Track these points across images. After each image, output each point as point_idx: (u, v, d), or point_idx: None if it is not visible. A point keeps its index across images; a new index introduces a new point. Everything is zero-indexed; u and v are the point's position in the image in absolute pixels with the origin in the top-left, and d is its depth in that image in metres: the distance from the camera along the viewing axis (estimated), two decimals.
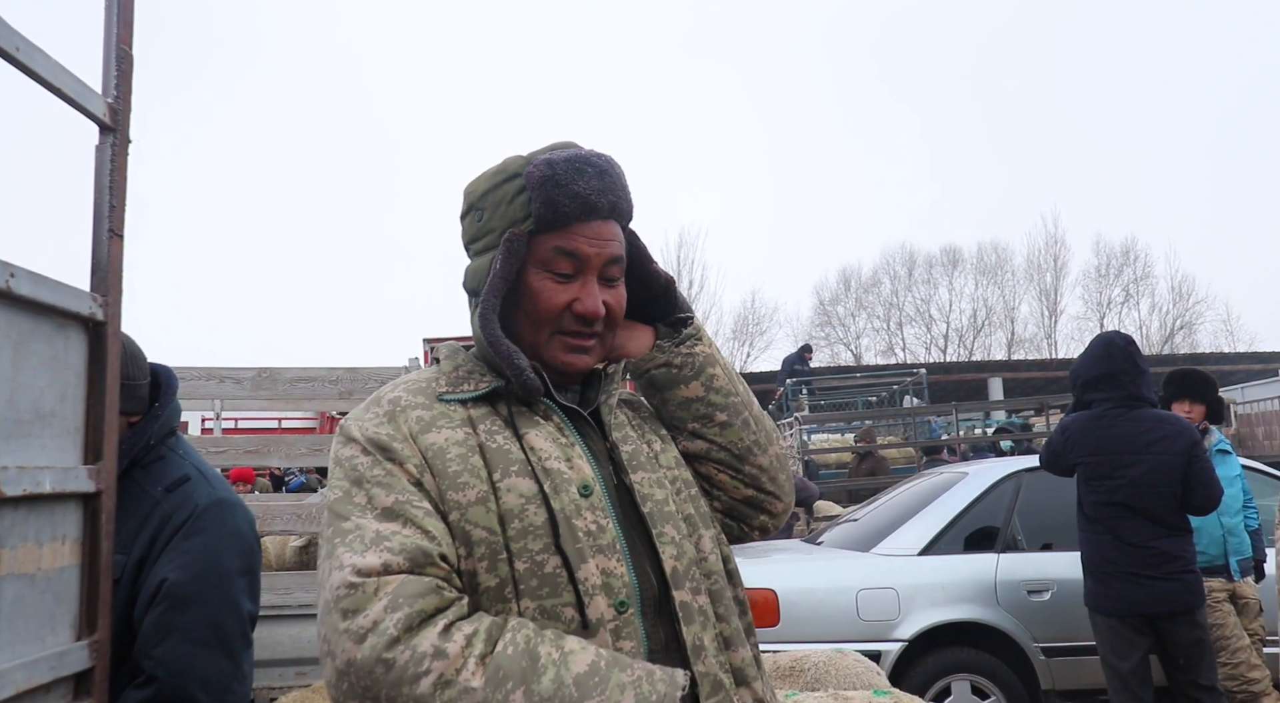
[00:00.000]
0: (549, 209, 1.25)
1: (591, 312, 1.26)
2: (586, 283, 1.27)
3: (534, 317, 1.28)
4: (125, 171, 1.53)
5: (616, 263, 1.31)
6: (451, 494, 1.16)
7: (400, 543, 1.09)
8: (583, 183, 1.26)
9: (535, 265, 1.27)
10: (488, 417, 1.25)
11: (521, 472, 1.19)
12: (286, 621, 4.04)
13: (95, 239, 1.49)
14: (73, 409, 1.43)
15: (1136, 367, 3.92)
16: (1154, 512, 3.77)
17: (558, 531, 1.16)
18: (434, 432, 1.21)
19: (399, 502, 1.14)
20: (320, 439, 4.34)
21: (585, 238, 1.27)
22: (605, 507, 1.21)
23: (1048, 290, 40.81)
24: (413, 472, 1.17)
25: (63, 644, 1.39)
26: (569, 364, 1.29)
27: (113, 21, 1.53)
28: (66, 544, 1.40)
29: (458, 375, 1.30)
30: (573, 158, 1.28)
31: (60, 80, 1.36)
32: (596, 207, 1.27)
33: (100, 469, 1.45)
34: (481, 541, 1.14)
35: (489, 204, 1.31)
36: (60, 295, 1.36)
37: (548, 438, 1.24)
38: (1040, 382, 24.68)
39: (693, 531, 1.30)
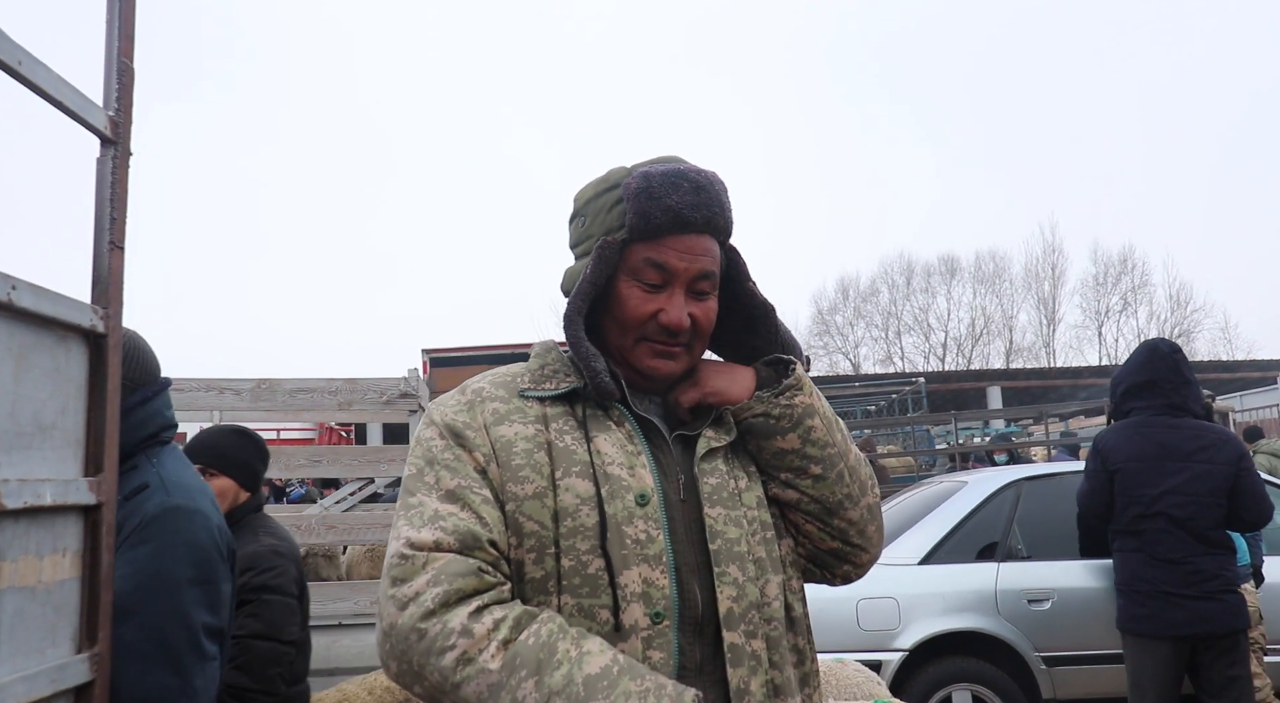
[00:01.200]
0: (642, 220, 1.29)
1: (675, 323, 1.29)
2: (673, 295, 1.31)
3: (621, 323, 1.32)
4: (126, 184, 1.54)
5: (706, 278, 1.33)
6: (511, 486, 1.23)
7: (454, 524, 1.17)
8: (677, 197, 1.30)
9: (626, 274, 1.32)
10: (562, 416, 1.30)
11: (583, 473, 1.24)
12: None
13: (96, 251, 1.49)
14: (73, 421, 1.43)
15: (1181, 375, 3.72)
16: (1197, 525, 3.56)
17: (606, 534, 1.20)
18: (506, 425, 1.28)
19: (461, 486, 1.21)
20: (319, 450, 4.34)
21: (675, 251, 1.30)
22: (660, 518, 1.23)
23: (1046, 299, 40.93)
24: (480, 460, 1.24)
25: (63, 657, 1.38)
26: (654, 369, 1.32)
27: (114, 35, 1.53)
28: (67, 557, 1.39)
29: (542, 373, 1.36)
30: (670, 172, 1.32)
31: (62, 93, 1.37)
32: (689, 221, 1.30)
33: (101, 482, 1.45)
34: (532, 533, 1.21)
35: (590, 211, 1.36)
36: (61, 308, 1.37)
37: (615, 444, 1.28)
38: (1039, 390, 24.71)
39: (760, 574, 1.29)
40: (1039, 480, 4.92)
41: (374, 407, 4.24)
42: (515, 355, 12.58)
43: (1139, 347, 3.91)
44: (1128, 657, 3.76)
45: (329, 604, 4.05)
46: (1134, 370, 3.82)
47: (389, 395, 4.20)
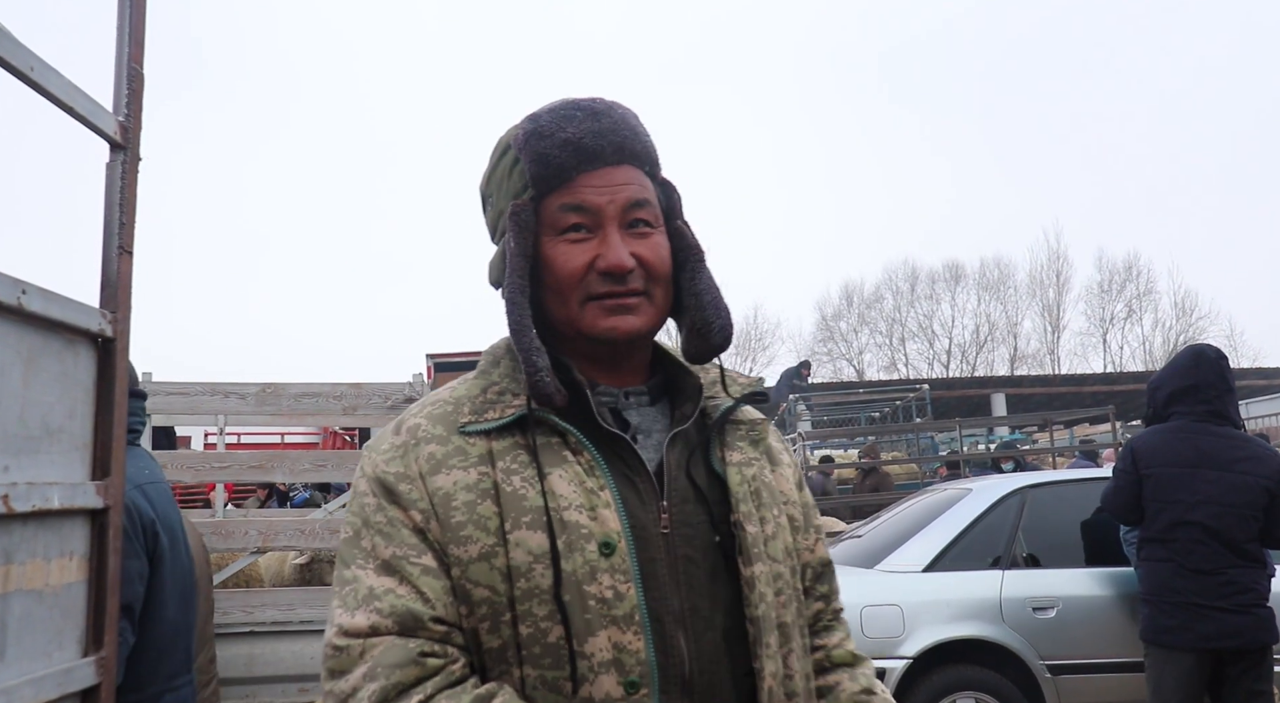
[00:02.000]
0: (541, 165, 1.10)
1: (616, 264, 1.08)
2: (606, 236, 1.09)
3: (558, 288, 1.10)
4: (135, 189, 1.55)
5: (640, 206, 1.12)
6: (453, 549, 1.04)
7: (390, 605, 1.02)
8: (572, 127, 1.10)
9: (547, 233, 1.11)
10: (510, 450, 1.08)
11: (534, 523, 1.04)
12: (289, 637, 4.04)
13: (105, 256, 1.50)
14: (81, 425, 1.43)
15: (1225, 382, 3.63)
16: (1233, 537, 3.45)
17: (561, 598, 1.01)
18: (443, 473, 1.07)
19: (396, 556, 1.04)
20: (324, 455, 4.35)
21: (592, 187, 1.10)
22: (630, 567, 1.04)
23: (1050, 306, 40.81)
24: (416, 519, 1.06)
25: (70, 661, 1.39)
26: (612, 329, 1.10)
27: (124, 41, 1.54)
28: (74, 560, 1.40)
29: (485, 399, 1.13)
30: (559, 106, 1.13)
31: (73, 99, 1.37)
32: (595, 150, 1.10)
33: (108, 485, 1.45)
34: (483, 600, 1.03)
35: (494, 188, 1.17)
36: (70, 312, 1.37)
37: (572, 480, 1.06)
38: (1043, 398, 24.66)
39: (784, 642, 1.11)
40: (1044, 488, 4.91)
41: (378, 411, 4.25)
42: None
43: (1183, 352, 3.80)
44: (1150, 668, 3.68)
45: None
46: (1178, 375, 3.71)
47: (394, 400, 4.20)
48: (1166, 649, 3.56)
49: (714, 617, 1.08)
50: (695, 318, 1.17)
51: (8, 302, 1.23)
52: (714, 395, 1.20)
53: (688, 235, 1.18)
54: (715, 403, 1.19)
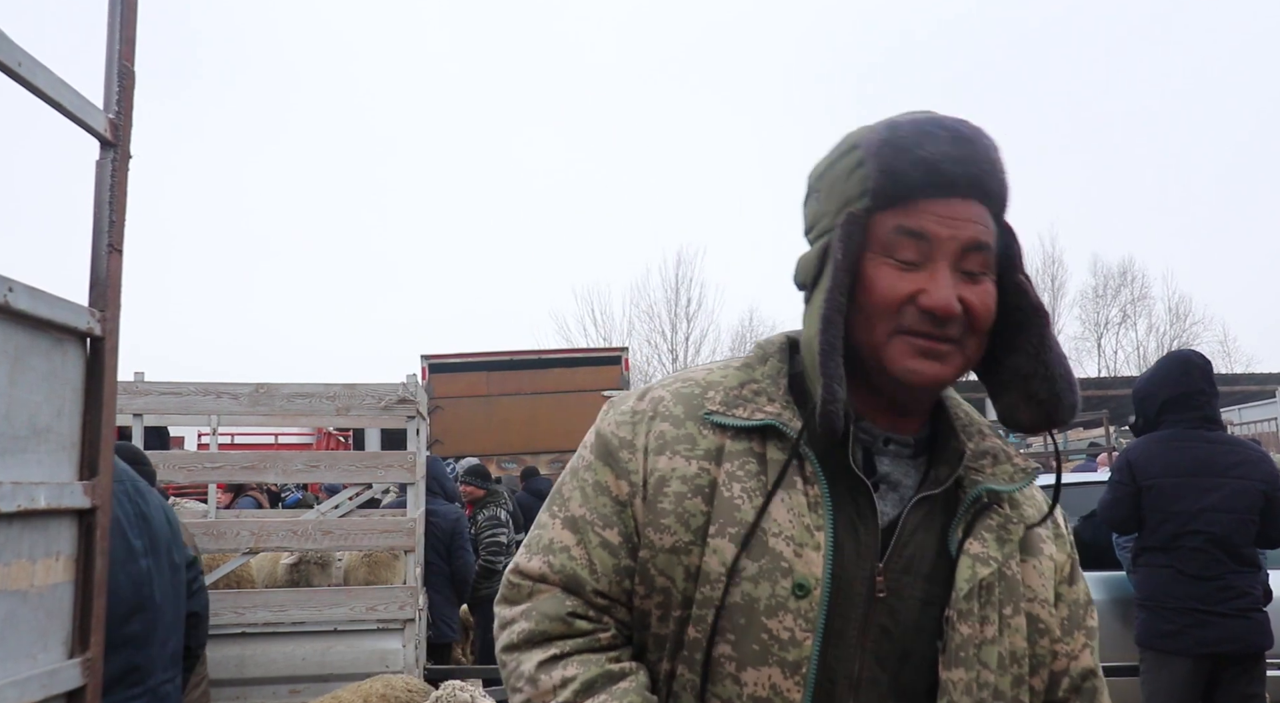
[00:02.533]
0: (888, 179, 1.01)
1: (942, 305, 0.98)
2: (936, 271, 1.00)
3: (869, 312, 1.02)
4: (125, 186, 1.53)
5: (978, 250, 1.02)
6: (650, 533, 1.04)
7: (563, 563, 1.07)
8: (932, 147, 1.01)
9: (874, 250, 1.02)
10: (743, 455, 1.05)
11: (737, 537, 1.00)
12: (280, 638, 4.03)
13: (94, 254, 1.49)
14: (69, 425, 1.42)
15: (1214, 387, 3.67)
16: (1233, 542, 3.47)
17: (739, 619, 0.99)
18: (666, 455, 1.06)
19: (584, 518, 1.07)
20: (316, 455, 4.34)
21: (935, 215, 1.01)
22: (817, 617, 0.98)
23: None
24: (624, 489, 1.07)
25: (55, 662, 1.37)
26: (915, 372, 1.01)
27: (115, 38, 1.53)
28: (60, 561, 1.38)
29: (740, 394, 1.08)
30: (923, 120, 1.03)
31: (61, 95, 1.36)
32: (950, 177, 1.00)
33: (96, 485, 1.44)
34: (662, 589, 1.04)
35: (825, 184, 1.08)
36: (58, 310, 1.36)
37: (793, 509, 1.01)
38: None
39: None
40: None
41: (372, 412, 4.24)
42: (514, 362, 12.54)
43: (1168, 359, 3.79)
44: (1145, 672, 3.67)
45: (325, 610, 4.04)
46: (1168, 383, 3.69)
47: (387, 401, 4.19)
48: (1163, 654, 3.56)
49: (890, 697, 1.03)
50: (1040, 388, 1.07)
51: None
52: (980, 469, 1.08)
53: (1030, 293, 1.08)
54: (977, 478, 1.08)
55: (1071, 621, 1.13)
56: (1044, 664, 1.09)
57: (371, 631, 4.07)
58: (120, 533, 1.92)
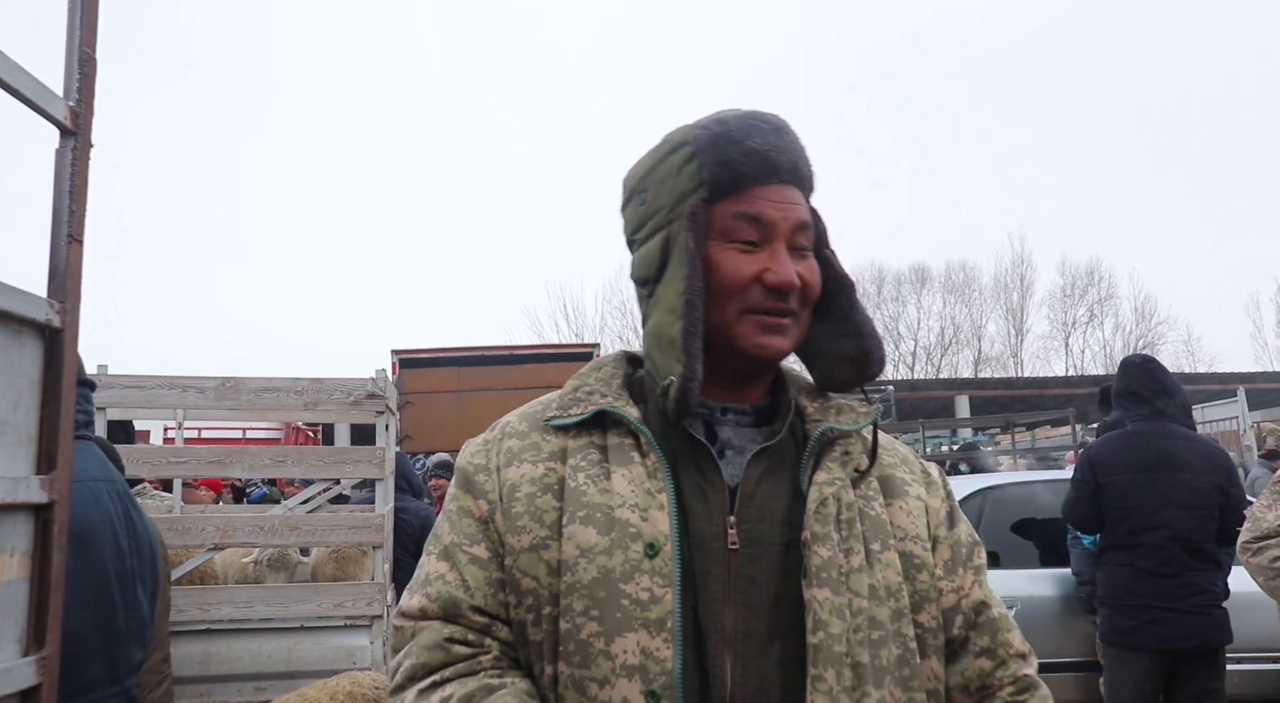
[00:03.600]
0: (724, 170, 1.10)
1: (785, 281, 1.08)
2: (775, 251, 1.09)
3: (720, 293, 1.09)
4: (86, 176, 1.50)
5: (805, 229, 1.13)
6: (509, 538, 1.08)
7: (439, 590, 1.09)
8: (759, 139, 1.11)
9: (715, 238, 1.10)
10: (584, 448, 1.11)
11: (587, 518, 1.05)
12: (246, 635, 3.98)
13: (54, 245, 1.46)
14: (26, 418, 1.39)
15: (1159, 383, 3.70)
16: (1192, 539, 3.51)
17: (600, 593, 1.01)
18: (515, 466, 1.12)
19: (453, 543, 1.11)
20: (284, 450, 4.29)
21: (768, 200, 1.10)
22: (671, 572, 1.01)
23: (1014, 309, 41.36)
24: (483, 508, 1.12)
25: (9, 660, 1.35)
26: (765, 347, 1.10)
27: (75, 24, 1.50)
28: (15, 557, 1.36)
29: (575, 396, 1.17)
30: (746, 115, 1.14)
31: (19, 82, 1.33)
32: (776, 165, 1.11)
33: (53, 480, 1.41)
34: (529, 591, 1.05)
35: (652, 183, 1.16)
36: (15, 301, 1.33)
37: (634, 480, 1.06)
38: (1006, 400, 24.95)
39: (858, 684, 1.01)
40: (1004, 489, 4.97)
41: (340, 407, 4.19)
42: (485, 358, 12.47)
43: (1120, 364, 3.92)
44: (1107, 668, 3.74)
45: (291, 606, 3.99)
46: (1116, 383, 3.83)
47: (356, 396, 4.15)
48: (1124, 650, 3.61)
49: (771, 644, 1.03)
50: (851, 346, 1.17)
51: None
52: (821, 419, 1.15)
53: (836, 265, 1.18)
54: (819, 421, 1.15)
55: (955, 560, 1.17)
56: (930, 600, 1.11)
57: (339, 627, 4.03)
58: (110, 530, 1.89)
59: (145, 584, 2.04)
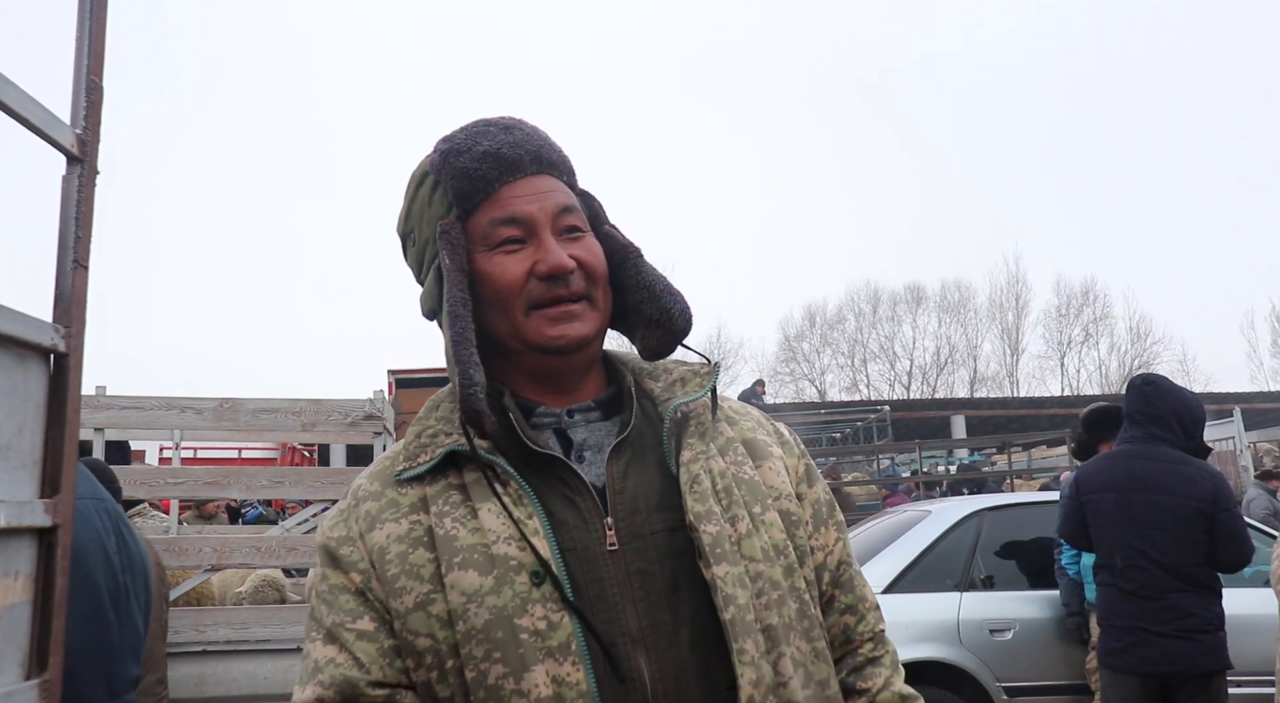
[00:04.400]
0: (463, 180, 1.09)
1: (557, 265, 1.06)
2: (541, 242, 1.08)
3: (499, 300, 1.09)
4: (92, 202, 1.52)
5: (569, 212, 1.12)
6: (392, 602, 1.04)
7: (331, 675, 1.02)
8: (488, 141, 1.10)
9: (480, 249, 1.10)
10: (444, 493, 1.07)
11: (465, 562, 1.02)
12: (243, 656, 3.97)
13: (59, 270, 1.47)
14: (30, 442, 1.40)
15: (1152, 407, 3.66)
16: (1173, 561, 3.45)
17: (496, 634, 0.99)
18: (378, 528, 1.07)
19: (335, 623, 1.05)
20: (281, 471, 4.30)
21: (517, 197, 1.10)
22: (566, 593, 1.00)
23: (1009, 329, 41.43)
24: (356, 581, 1.06)
25: (11, 684, 1.35)
26: (559, 336, 1.08)
27: (83, 53, 1.52)
28: (19, 580, 1.36)
29: (419, 443, 1.12)
30: (470, 125, 1.14)
31: (29, 111, 1.35)
32: (514, 160, 1.10)
33: (57, 503, 1.42)
34: (427, 649, 1.02)
35: (414, 222, 1.16)
36: (21, 326, 1.34)
37: (500, 513, 1.04)
38: (1002, 420, 24.95)
39: (772, 647, 1.02)
40: (1001, 511, 4.97)
41: (338, 428, 4.21)
42: None
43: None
44: (1102, 690, 3.76)
45: (287, 628, 3.99)
46: (1122, 406, 3.85)
47: (353, 417, 4.16)
48: (1114, 672, 3.61)
49: (678, 631, 1.02)
50: (651, 309, 1.16)
51: None
52: (671, 396, 1.15)
53: (618, 237, 1.18)
54: (670, 403, 1.13)
55: (818, 518, 1.18)
56: (807, 555, 1.13)
57: None
58: (99, 547, 1.90)
59: (139, 600, 2.05)
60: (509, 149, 1.10)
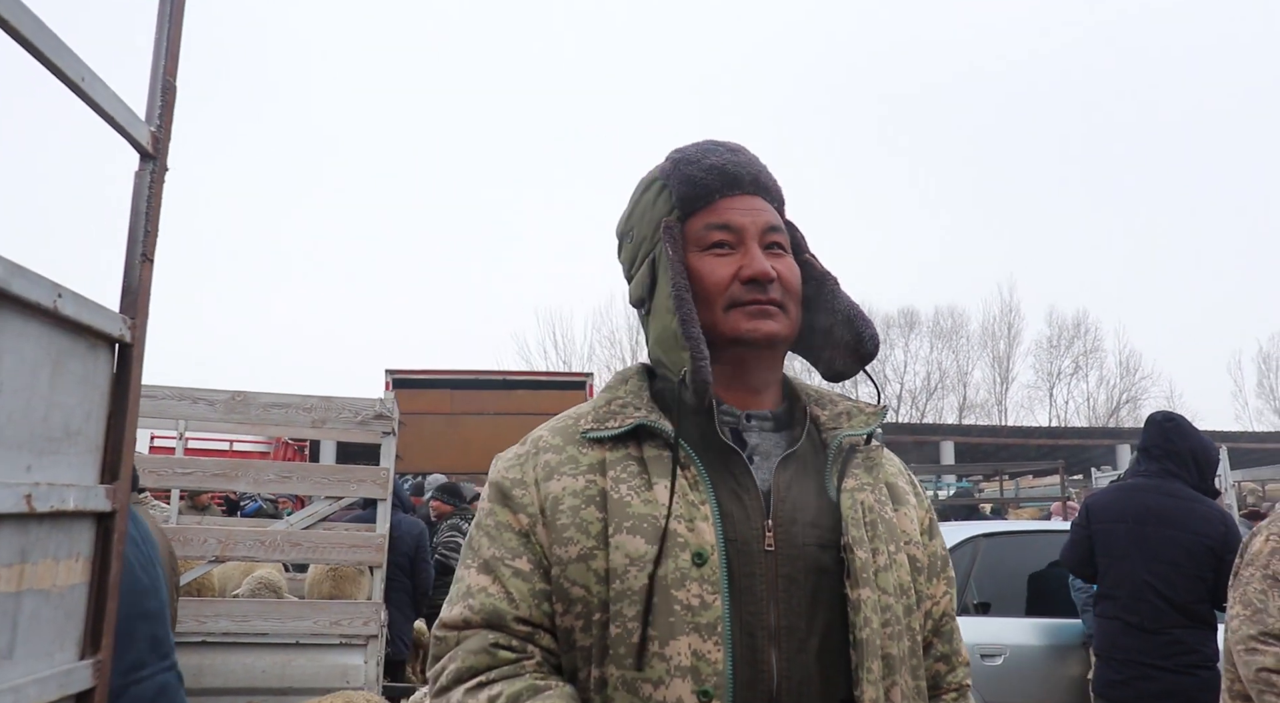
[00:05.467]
0: (689, 186, 1.22)
1: (760, 272, 1.17)
2: (748, 250, 1.19)
3: (705, 297, 1.18)
4: (160, 198, 1.57)
5: (775, 231, 1.23)
6: (556, 549, 1.12)
7: (481, 602, 1.12)
8: (715, 157, 1.23)
9: (693, 249, 1.21)
10: (623, 460, 1.16)
11: (635, 529, 1.09)
12: (241, 649, 4.00)
13: (128, 262, 1.52)
14: (95, 429, 1.45)
15: (1170, 443, 3.70)
16: (1178, 596, 3.49)
17: (652, 599, 1.06)
18: (555, 479, 1.16)
19: (495, 557, 1.14)
20: (289, 466, 4.33)
21: (734, 209, 1.22)
22: (719, 580, 1.07)
23: (1000, 357, 41.62)
24: (524, 522, 1.15)
25: (69, 662, 1.39)
26: (755, 330, 1.17)
27: (160, 53, 1.57)
28: (80, 562, 1.41)
29: (609, 409, 1.21)
30: (701, 143, 1.27)
31: (115, 110, 1.40)
32: (736, 177, 1.23)
33: (116, 489, 1.46)
34: (579, 599, 1.10)
35: (635, 221, 1.28)
36: (97, 317, 1.39)
37: (676, 492, 1.11)
38: (990, 448, 25.06)
39: (888, 674, 1.10)
40: (997, 537, 5.02)
41: (347, 426, 4.24)
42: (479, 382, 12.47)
43: None
44: None
45: (288, 622, 4.01)
46: (1139, 440, 3.88)
47: (363, 416, 4.20)
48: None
49: (810, 639, 1.10)
50: (844, 333, 1.25)
51: (44, 304, 1.24)
52: (838, 426, 1.23)
53: (817, 264, 1.28)
54: (838, 432, 1.22)
55: (933, 569, 1.27)
56: (923, 600, 1.22)
57: (334, 645, 4.05)
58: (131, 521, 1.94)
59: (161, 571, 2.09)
60: (733, 167, 1.24)
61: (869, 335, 1.24)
